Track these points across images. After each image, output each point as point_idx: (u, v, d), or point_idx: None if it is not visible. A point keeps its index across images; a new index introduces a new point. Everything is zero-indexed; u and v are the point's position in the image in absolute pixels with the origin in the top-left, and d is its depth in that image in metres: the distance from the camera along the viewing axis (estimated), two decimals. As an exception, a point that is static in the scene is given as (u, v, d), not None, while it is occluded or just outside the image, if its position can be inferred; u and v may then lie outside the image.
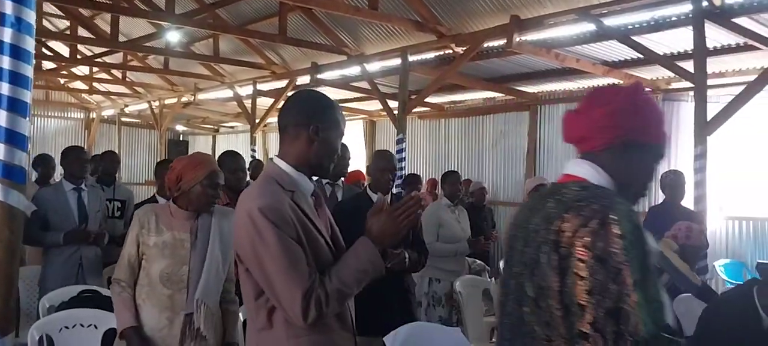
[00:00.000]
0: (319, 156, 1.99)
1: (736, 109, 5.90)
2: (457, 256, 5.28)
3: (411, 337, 3.21)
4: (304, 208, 1.93)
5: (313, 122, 1.97)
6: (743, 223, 7.96)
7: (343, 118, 2.09)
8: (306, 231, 1.90)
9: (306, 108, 2.01)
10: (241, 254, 1.92)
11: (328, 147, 2.00)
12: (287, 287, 1.83)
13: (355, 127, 13.03)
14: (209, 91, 13.19)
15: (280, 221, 1.84)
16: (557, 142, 10.01)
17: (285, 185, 1.94)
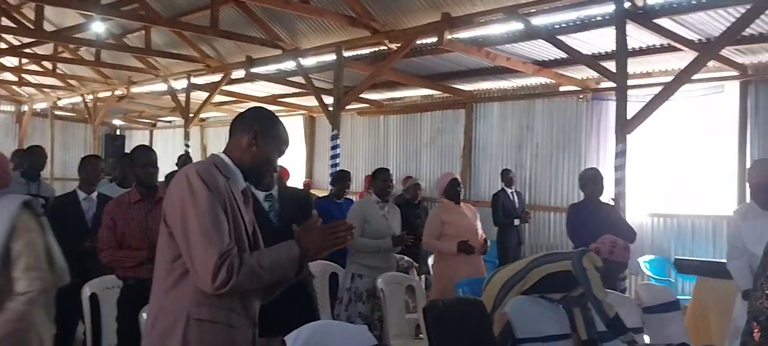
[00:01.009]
0: (254, 161, 2.19)
1: (654, 108, 6.04)
2: (381, 252, 5.22)
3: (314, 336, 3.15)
4: (235, 193, 2.12)
5: (254, 128, 2.19)
6: (666, 220, 8.18)
7: (286, 139, 2.28)
8: (232, 212, 2.07)
9: (253, 116, 2.26)
10: (168, 213, 2.08)
11: (264, 155, 2.20)
12: (205, 244, 1.96)
13: (294, 123, 12.89)
14: (143, 84, 12.85)
15: (213, 186, 2.03)
16: (492, 140, 10.11)
17: (223, 170, 2.13)
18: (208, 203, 2.00)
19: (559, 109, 9.33)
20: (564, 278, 4.12)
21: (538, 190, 9.48)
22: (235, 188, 2.15)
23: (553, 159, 9.37)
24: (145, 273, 3.78)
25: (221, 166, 2.15)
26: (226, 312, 2.09)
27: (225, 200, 2.05)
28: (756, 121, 7.53)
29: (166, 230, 2.09)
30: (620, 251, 4.16)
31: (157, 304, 2.13)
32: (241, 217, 2.12)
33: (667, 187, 8.23)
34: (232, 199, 2.10)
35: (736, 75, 7.60)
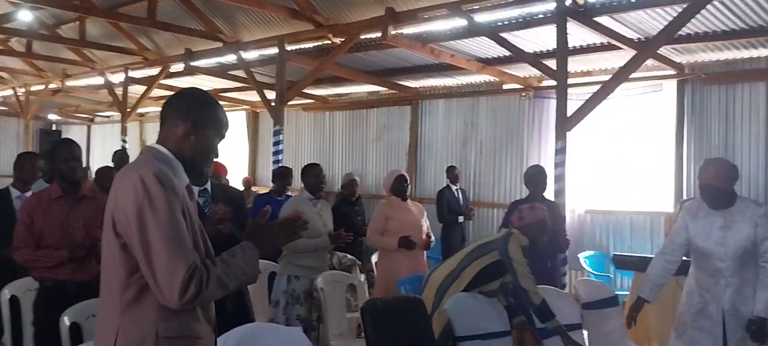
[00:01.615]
0: (194, 152, 1.98)
1: (593, 106, 6.09)
2: (318, 251, 5.10)
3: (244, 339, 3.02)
4: (183, 192, 1.91)
5: (192, 116, 1.97)
6: (605, 216, 8.30)
7: (225, 122, 2.07)
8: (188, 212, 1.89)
9: (189, 102, 2.01)
10: (122, 223, 1.83)
11: (203, 144, 1.99)
12: (170, 258, 1.76)
13: (236, 118, 12.62)
14: (79, 77, 12.36)
15: (172, 189, 1.82)
16: (437, 137, 10.10)
17: (168, 167, 1.91)
18: (169, 210, 1.78)
19: (503, 106, 9.38)
20: (495, 266, 4.15)
21: (482, 186, 9.51)
22: (183, 185, 1.94)
23: (496, 156, 9.42)
24: (64, 274, 3.58)
25: (165, 162, 1.92)
26: (193, 324, 1.92)
27: (182, 202, 1.85)
28: (692, 120, 7.71)
29: (116, 242, 1.85)
30: (528, 213, 4.26)
31: (114, 324, 1.87)
32: (192, 217, 1.92)
33: (607, 183, 8.36)
34: (187, 199, 1.91)
35: (673, 74, 7.76)
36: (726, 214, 3.69)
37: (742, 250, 3.62)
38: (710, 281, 3.74)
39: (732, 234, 3.65)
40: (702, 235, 3.75)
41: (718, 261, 3.69)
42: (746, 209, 3.68)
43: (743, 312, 3.64)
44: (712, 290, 3.72)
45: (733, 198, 3.71)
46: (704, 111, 7.64)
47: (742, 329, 3.63)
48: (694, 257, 3.86)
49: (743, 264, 3.65)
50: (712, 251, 3.71)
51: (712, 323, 3.72)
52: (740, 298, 3.65)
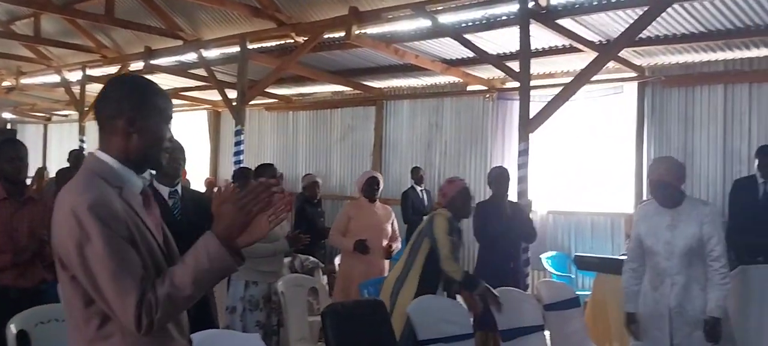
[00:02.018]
0: (140, 148, 1.77)
1: (555, 108, 6.11)
2: (276, 255, 5.00)
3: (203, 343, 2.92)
4: (135, 206, 1.73)
5: (126, 113, 1.75)
6: (567, 217, 8.36)
7: (167, 102, 1.85)
8: (139, 231, 1.71)
9: (119, 97, 1.78)
10: (63, 256, 1.68)
11: (149, 137, 1.78)
12: (118, 293, 1.63)
13: (198, 118, 12.41)
14: (35, 75, 12.01)
15: (110, 219, 1.64)
16: (402, 138, 10.06)
17: (111, 180, 1.72)
18: (109, 245, 1.62)
19: (467, 108, 9.38)
20: (434, 253, 4.27)
21: (446, 188, 9.48)
22: (133, 198, 1.76)
23: (460, 157, 9.41)
24: (7, 280, 3.42)
25: (109, 176, 1.73)
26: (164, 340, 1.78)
27: (127, 227, 1.67)
28: (652, 122, 7.80)
29: (65, 275, 1.72)
30: (449, 188, 4.45)
31: None
32: (149, 232, 1.75)
33: (569, 185, 8.42)
34: (134, 216, 1.72)
35: (634, 76, 7.85)
36: (674, 213, 3.72)
37: (688, 249, 3.64)
38: (658, 280, 3.77)
39: (679, 233, 3.67)
40: (651, 235, 3.79)
41: (665, 260, 3.72)
42: (693, 209, 3.71)
43: (689, 310, 3.67)
44: (660, 289, 3.76)
45: (682, 197, 3.75)
46: (664, 113, 7.74)
47: (688, 327, 3.67)
48: (646, 257, 3.89)
49: (689, 263, 3.67)
50: (659, 250, 3.74)
51: (662, 321, 3.75)
52: (686, 296, 3.67)
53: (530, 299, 4.74)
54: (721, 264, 3.60)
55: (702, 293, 3.64)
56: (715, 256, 3.61)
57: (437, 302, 4.23)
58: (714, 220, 3.65)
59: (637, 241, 3.93)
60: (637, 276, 3.96)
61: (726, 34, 6.62)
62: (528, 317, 4.45)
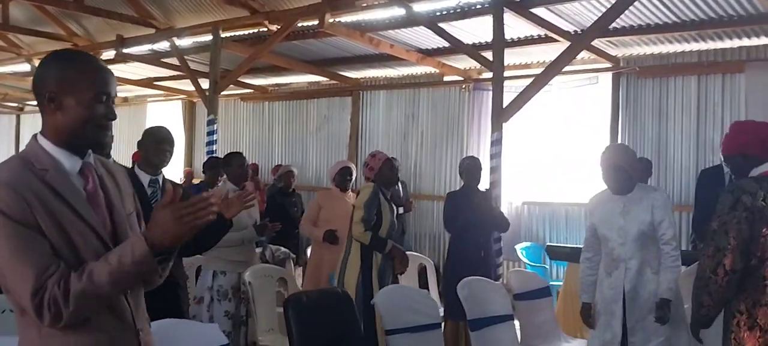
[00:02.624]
0: (68, 126, 1.71)
1: (529, 97, 6.08)
2: (244, 244, 4.92)
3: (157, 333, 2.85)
4: (59, 189, 1.67)
5: (48, 89, 1.70)
6: (540, 207, 8.36)
7: (98, 74, 1.74)
8: (57, 217, 1.64)
9: (43, 74, 1.74)
10: None
11: (74, 113, 1.70)
12: (16, 282, 1.59)
13: (173, 109, 12.24)
14: (5, 64, 11.75)
15: (11, 204, 1.59)
16: (378, 129, 9.99)
17: (37, 163, 1.68)
18: (3, 231, 1.58)
19: (443, 98, 9.33)
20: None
21: (422, 179, 9.45)
22: (59, 181, 1.69)
23: (437, 148, 9.37)
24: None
25: (36, 159, 1.69)
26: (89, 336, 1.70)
27: (32, 214, 1.61)
28: (627, 112, 7.81)
29: None
30: (373, 161, 4.62)
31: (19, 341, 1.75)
32: (76, 216, 1.68)
33: (543, 176, 8.41)
34: (54, 198, 1.65)
35: (609, 67, 7.84)
36: (625, 200, 3.79)
37: (640, 234, 3.72)
38: (613, 266, 3.83)
39: (631, 219, 3.74)
40: (605, 222, 3.85)
41: (619, 246, 3.78)
42: (644, 194, 3.79)
43: (642, 294, 3.74)
44: (614, 274, 3.81)
45: (633, 184, 3.81)
46: (638, 104, 7.75)
47: (641, 311, 3.74)
48: (601, 245, 3.94)
49: (642, 246, 3.74)
50: (613, 236, 3.80)
51: (616, 305, 3.79)
52: (640, 280, 3.74)
53: (499, 289, 4.71)
54: (671, 247, 3.69)
55: (655, 276, 3.73)
56: (666, 239, 3.70)
57: (404, 292, 4.19)
58: (664, 205, 3.75)
59: (591, 230, 3.99)
60: (592, 266, 4.02)
61: (699, 24, 6.63)
62: (497, 307, 4.42)
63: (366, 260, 4.37)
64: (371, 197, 4.39)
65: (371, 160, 4.65)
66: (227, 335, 4.81)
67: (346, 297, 3.70)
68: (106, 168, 1.88)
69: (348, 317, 3.63)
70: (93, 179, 1.79)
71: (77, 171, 1.75)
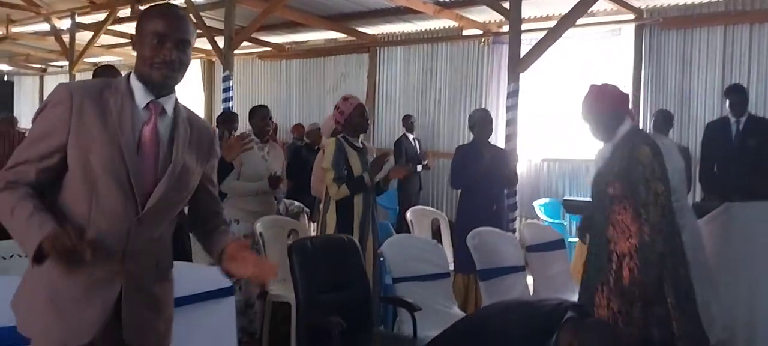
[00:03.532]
0: (138, 65, 1.86)
1: (546, 47, 5.91)
2: (259, 195, 4.90)
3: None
4: (112, 109, 1.79)
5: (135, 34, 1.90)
6: (560, 164, 8.21)
7: (157, 21, 1.83)
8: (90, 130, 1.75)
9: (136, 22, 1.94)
10: None
11: (139, 52, 1.86)
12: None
13: (192, 68, 12.17)
14: (25, 23, 11.80)
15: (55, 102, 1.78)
16: (396, 85, 9.87)
17: (114, 86, 1.84)
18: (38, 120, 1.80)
19: (461, 54, 9.17)
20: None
21: (440, 135, 9.35)
22: (122, 102, 1.81)
23: (454, 105, 9.23)
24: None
25: (115, 83, 1.86)
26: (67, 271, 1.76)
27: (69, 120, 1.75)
28: (650, 64, 7.60)
29: None
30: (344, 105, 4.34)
31: None
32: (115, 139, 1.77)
33: (563, 132, 8.24)
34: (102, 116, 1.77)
35: (632, 18, 7.61)
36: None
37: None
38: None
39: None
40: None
41: None
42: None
43: None
44: None
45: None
46: (661, 55, 7.53)
47: None
48: None
49: None
50: None
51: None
52: None
53: (511, 240, 4.64)
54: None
55: None
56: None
57: (412, 242, 4.14)
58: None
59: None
60: None
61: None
62: (508, 257, 4.36)
63: (344, 217, 4.19)
64: (336, 153, 4.16)
65: (343, 103, 4.39)
66: (239, 282, 4.85)
67: (352, 243, 3.65)
68: (191, 120, 1.96)
69: (353, 262, 3.59)
70: (155, 116, 1.84)
71: (144, 106, 1.84)
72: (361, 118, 4.32)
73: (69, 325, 1.78)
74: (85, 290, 1.78)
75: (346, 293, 3.46)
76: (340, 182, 4.13)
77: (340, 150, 4.19)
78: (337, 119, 4.36)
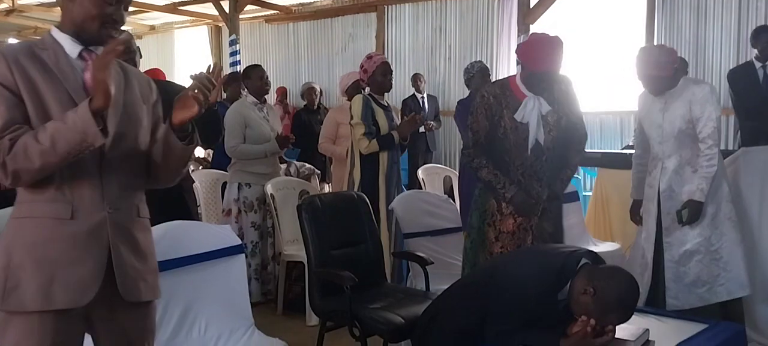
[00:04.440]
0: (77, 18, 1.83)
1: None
2: (267, 156, 4.89)
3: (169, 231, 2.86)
4: (50, 62, 1.80)
5: None
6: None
7: None
8: (39, 86, 1.76)
9: None
10: None
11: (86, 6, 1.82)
12: None
13: (200, 34, 12.15)
14: (30, -6, 11.75)
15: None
16: (405, 44, 9.75)
17: (40, 44, 1.84)
18: None
19: (471, 9, 9.00)
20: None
21: (450, 94, 9.25)
22: (56, 55, 1.81)
23: (465, 62, 9.04)
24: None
25: (39, 42, 1.85)
26: (49, 205, 1.78)
27: (13, 78, 1.74)
28: (663, 13, 7.43)
29: None
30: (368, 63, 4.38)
31: None
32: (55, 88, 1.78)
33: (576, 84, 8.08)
34: (36, 67, 1.77)
35: (644, -35, 7.43)
36: (666, 96, 3.62)
37: (678, 130, 3.56)
38: (653, 164, 3.73)
39: (669, 116, 3.59)
40: (646, 120, 3.73)
41: (657, 144, 3.66)
42: (685, 89, 3.59)
43: (678, 193, 3.61)
44: (653, 173, 3.71)
45: (676, 80, 3.62)
46: (675, 3, 7.35)
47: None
48: (646, 145, 3.83)
49: (680, 145, 3.59)
50: (652, 134, 3.69)
51: (651, 204, 3.70)
52: (677, 179, 3.61)
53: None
54: (707, 146, 3.49)
55: (694, 175, 3.56)
56: (703, 137, 3.51)
57: (421, 197, 4.11)
58: (704, 99, 3.50)
59: (639, 128, 3.90)
60: (641, 164, 3.91)
61: None
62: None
63: (369, 173, 4.22)
64: (364, 109, 4.20)
65: (367, 62, 4.42)
66: (254, 245, 4.89)
67: (362, 199, 3.62)
68: (124, 70, 1.97)
69: (365, 219, 3.57)
70: (91, 63, 1.80)
71: (77, 55, 1.85)
72: (383, 77, 4.36)
73: (67, 286, 1.77)
74: (74, 247, 1.78)
75: (358, 249, 3.45)
76: (371, 136, 4.15)
77: (367, 106, 4.23)
78: (362, 78, 4.42)
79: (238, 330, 2.92)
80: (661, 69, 3.55)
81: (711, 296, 3.60)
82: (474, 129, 3.17)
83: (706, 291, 3.60)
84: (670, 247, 3.64)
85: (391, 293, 3.32)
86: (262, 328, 3.03)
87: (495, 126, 3.14)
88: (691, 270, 3.59)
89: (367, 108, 4.21)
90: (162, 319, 2.71)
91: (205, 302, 2.88)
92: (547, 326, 2.39)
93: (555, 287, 2.44)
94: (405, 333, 3.01)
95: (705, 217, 3.53)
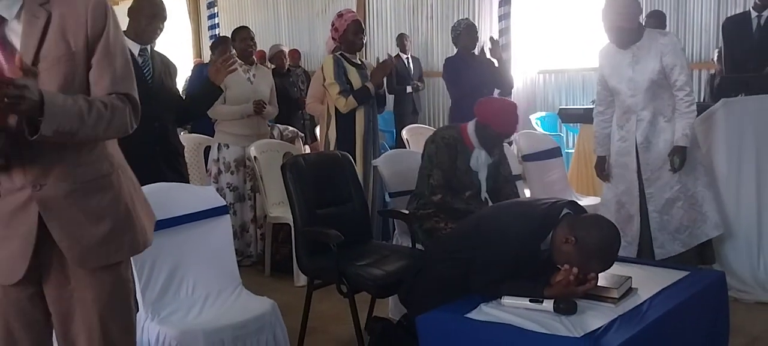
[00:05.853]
0: None
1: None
2: (243, 118, 4.86)
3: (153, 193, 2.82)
4: None
5: None
6: (556, 75, 8.11)
7: None
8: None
9: None
10: None
11: None
12: None
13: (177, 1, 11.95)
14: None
15: None
16: (387, 4, 9.66)
17: None
18: None
19: (453, -33, 8.92)
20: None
21: (433, 55, 9.20)
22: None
23: (448, 22, 9.01)
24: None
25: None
26: None
27: None
28: (644, -33, 7.38)
29: None
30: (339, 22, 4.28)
31: None
32: None
33: (557, 42, 8.10)
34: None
35: None
36: (634, 49, 3.63)
37: (650, 82, 3.60)
38: (624, 118, 3.75)
39: (640, 68, 3.61)
40: (614, 74, 3.72)
41: (629, 97, 3.68)
42: (652, 42, 3.61)
43: (655, 144, 3.67)
44: (626, 126, 3.74)
45: (641, 32, 3.64)
46: (655, -48, 7.31)
47: (656, 162, 3.68)
48: (614, 98, 3.83)
49: (654, 96, 3.63)
50: (623, 88, 3.69)
51: (629, 158, 3.74)
52: (652, 130, 3.67)
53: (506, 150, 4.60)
54: (685, 93, 3.56)
55: (669, 125, 3.63)
56: (680, 85, 3.56)
57: (406, 156, 4.12)
58: (674, 49, 3.57)
59: (602, 83, 3.87)
60: (605, 119, 3.92)
61: None
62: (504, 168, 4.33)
63: (345, 133, 4.25)
64: (336, 69, 4.19)
65: (337, 20, 4.34)
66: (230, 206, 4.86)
67: (347, 159, 3.62)
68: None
69: (349, 178, 3.57)
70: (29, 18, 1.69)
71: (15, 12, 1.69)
72: (354, 36, 4.30)
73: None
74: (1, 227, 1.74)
75: (344, 208, 3.46)
76: (346, 93, 4.15)
77: (338, 65, 4.21)
78: (333, 36, 4.38)
79: (225, 290, 2.94)
80: (627, 20, 3.56)
81: (691, 240, 3.74)
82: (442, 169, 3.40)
83: (687, 236, 3.73)
84: (652, 197, 3.71)
85: (378, 250, 3.35)
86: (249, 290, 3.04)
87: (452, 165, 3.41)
88: (674, 217, 3.70)
89: (339, 67, 4.21)
90: (149, 279, 2.72)
91: (191, 262, 2.89)
92: (530, 276, 2.43)
93: (538, 237, 2.47)
94: (391, 288, 3.05)
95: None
